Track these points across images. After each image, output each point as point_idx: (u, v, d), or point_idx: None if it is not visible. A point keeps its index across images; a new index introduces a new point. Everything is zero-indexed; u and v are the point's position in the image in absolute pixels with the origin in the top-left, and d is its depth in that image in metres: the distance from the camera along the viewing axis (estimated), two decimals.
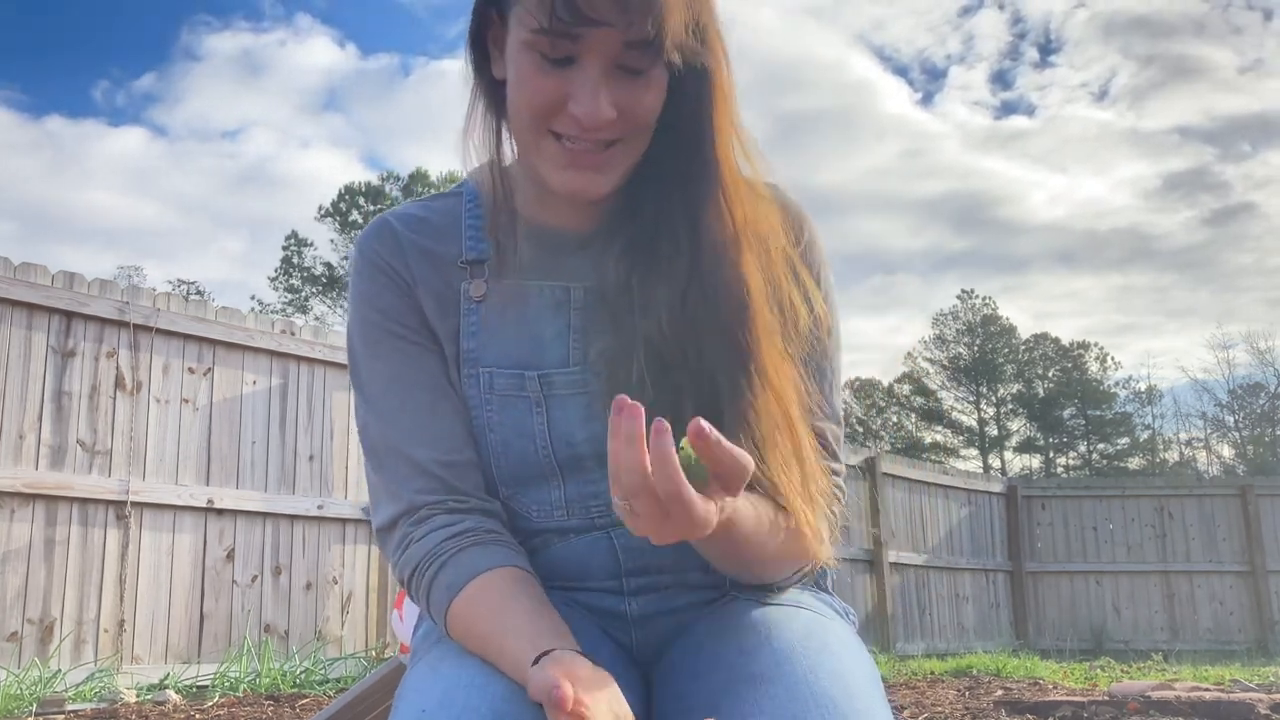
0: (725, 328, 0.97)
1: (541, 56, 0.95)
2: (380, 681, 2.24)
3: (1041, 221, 62.59)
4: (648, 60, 0.95)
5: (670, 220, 1.02)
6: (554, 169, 0.99)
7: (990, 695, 5.03)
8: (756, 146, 1.04)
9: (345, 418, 6.46)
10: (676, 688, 0.95)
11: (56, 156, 54.71)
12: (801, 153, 54.01)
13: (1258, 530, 11.65)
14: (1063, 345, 44.59)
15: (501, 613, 0.92)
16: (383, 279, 1.07)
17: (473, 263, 1.08)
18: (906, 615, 10.51)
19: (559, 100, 0.96)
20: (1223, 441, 42.68)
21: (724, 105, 1.01)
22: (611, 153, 0.99)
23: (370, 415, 1.06)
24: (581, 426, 1.02)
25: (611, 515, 1.04)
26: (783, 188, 1.11)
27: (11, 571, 4.92)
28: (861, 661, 0.97)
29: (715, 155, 1.01)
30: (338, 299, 40.00)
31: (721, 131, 1.01)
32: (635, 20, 0.92)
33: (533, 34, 0.94)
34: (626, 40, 0.93)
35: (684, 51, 0.95)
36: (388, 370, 1.05)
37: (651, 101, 0.98)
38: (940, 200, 61.93)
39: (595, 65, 0.95)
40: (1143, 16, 58.60)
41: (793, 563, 1.01)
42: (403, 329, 1.06)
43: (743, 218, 1.01)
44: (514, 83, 0.99)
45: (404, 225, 1.10)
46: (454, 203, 1.12)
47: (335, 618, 6.24)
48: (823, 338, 1.07)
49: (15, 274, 5.11)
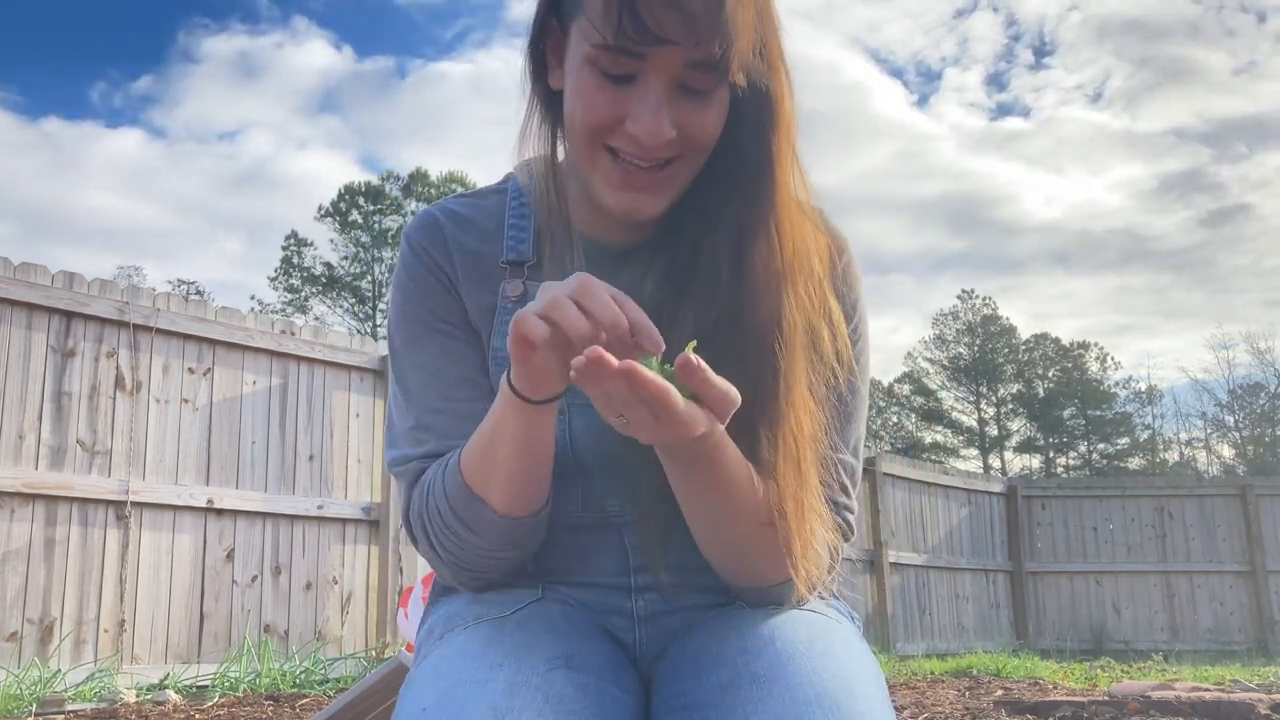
0: (752, 363, 0.96)
1: (602, 72, 0.94)
2: (380, 681, 2.24)
3: (1037, 223, 62.80)
4: (711, 81, 0.93)
5: (713, 245, 1.00)
6: (608, 188, 0.99)
7: (990, 695, 5.02)
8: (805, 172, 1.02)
9: (345, 418, 6.46)
10: (677, 686, 0.95)
11: (54, 158, 54.77)
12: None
13: (1258, 530, 11.65)
14: (1063, 345, 44.62)
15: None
16: (428, 276, 1.08)
17: (512, 264, 1.08)
18: (906, 615, 10.51)
19: (617, 117, 0.95)
20: (1223, 441, 42.72)
21: (785, 130, 0.99)
22: (666, 173, 0.98)
23: (408, 408, 1.07)
24: (603, 436, 1.02)
25: (625, 514, 1.05)
26: (826, 212, 1.09)
27: (11, 571, 4.92)
28: (866, 664, 0.97)
29: (774, 182, 0.99)
30: (338, 299, 40.00)
31: (782, 158, 0.99)
32: (703, 40, 0.90)
33: (595, 49, 0.92)
34: (691, 60, 0.92)
35: (750, 74, 0.93)
36: (430, 365, 1.06)
37: (712, 123, 0.96)
38: (936, 201, 62.13)
39: (657, 84, 0.93)
40: (1136, 19, 58.76)
41: (778, 557, 0.99)
42: (445, 325, 1.08)
43: (791, 251, 0.99)
44: (572, 96, 0.97)
45: (451, 221, 1.11)
46: (499, 201, 1.13)
47: (335, 618, 6.24)
48: (852, 371, 1.06)
49: (15, 274, 5.11)
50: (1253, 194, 59.42)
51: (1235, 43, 57.68)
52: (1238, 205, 59.72)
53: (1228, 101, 58.41)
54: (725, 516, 0.96)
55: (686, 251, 1.02)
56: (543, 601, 1.04)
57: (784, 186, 0.99)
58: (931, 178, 61.56)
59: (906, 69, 62.10)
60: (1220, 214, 59.84)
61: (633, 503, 1.04)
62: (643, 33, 0.89)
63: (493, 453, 0.95)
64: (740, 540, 0.98)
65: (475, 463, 0.97)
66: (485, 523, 0.98)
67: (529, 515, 0.99)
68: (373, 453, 6.58)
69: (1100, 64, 60.22)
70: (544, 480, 0.99)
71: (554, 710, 0.85)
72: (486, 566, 1.02)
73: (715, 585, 1.05)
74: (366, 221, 40.07)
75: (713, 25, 0.89)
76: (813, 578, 0.98)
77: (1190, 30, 57.70)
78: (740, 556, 1.00)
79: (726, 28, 0.90)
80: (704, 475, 0.93)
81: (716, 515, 0.96)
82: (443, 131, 60.20)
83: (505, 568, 1.04)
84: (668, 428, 0.82)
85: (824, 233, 1.06)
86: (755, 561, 0.99)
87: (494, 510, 0.97)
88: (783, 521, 0.95)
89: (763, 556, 0.99)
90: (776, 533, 0.96)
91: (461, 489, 0.98)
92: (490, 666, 0.89)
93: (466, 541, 1.00)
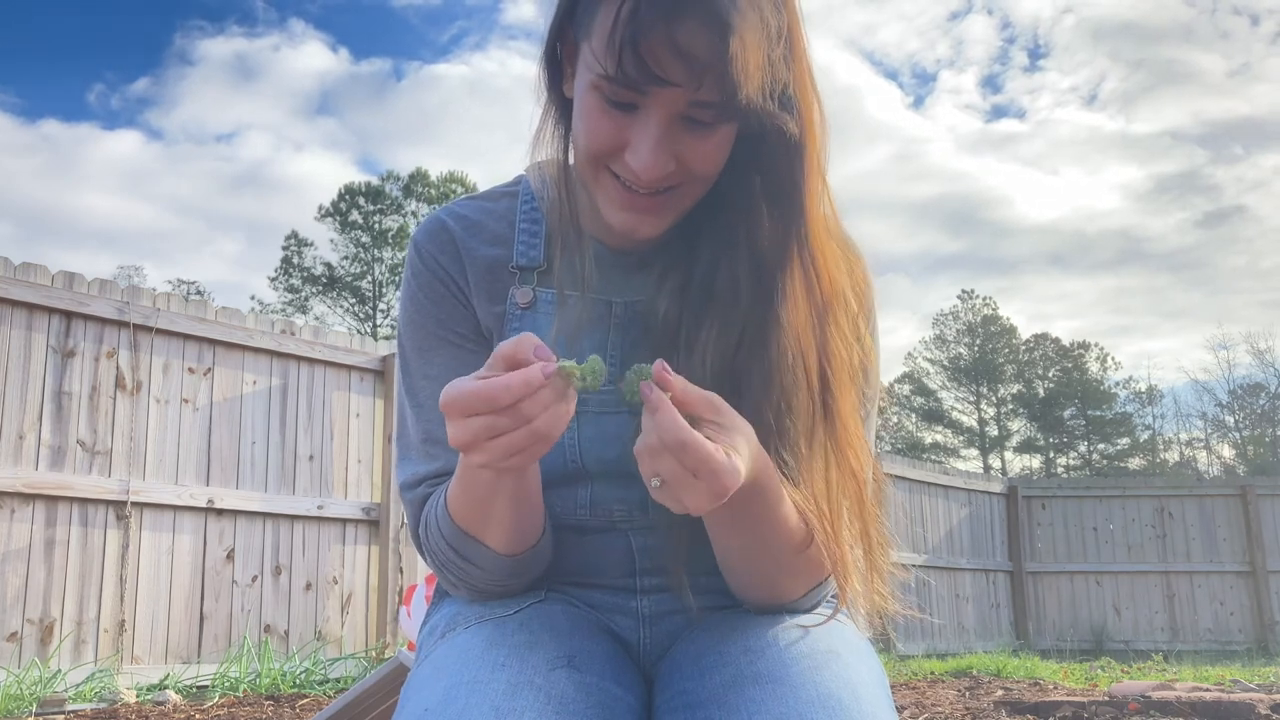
0: (786, 395, 0.95)
1: (605, 99, 0.92)
2: (380, 681, 2.24)
3: (1034, 224, 62.87)
4: (714, 117, 0.92)
5: (732, 264, 0.99)
6: (610, 207, 0.98)
7: (990, 695, 5.02)
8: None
9: (345, 418, 6.46)
10: (680, 685, 0.94)
11: (52, 159, 54.78)
12: None
13: (1258, 530, 11.65)
14: (1063, 345, 44.61)
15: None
16: (439, 286, 1.07)
17: (522, 268, 1.07)
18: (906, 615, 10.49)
19: (618, 144, 0.94)
20: (1223, 441, 42.71)
21: (814, 161, 0.96)
22: (667, 197, 0.97)
23: (418, 420, 1.06)
24: (613, 444, 1.02)
25: (632, 518, 1.05)
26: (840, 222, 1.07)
27: (11, 571, 4.92)
28: (869, 665, 0.97)
29: (804, 214, 0.97)
30: (338, 299, 39.98)
31: (811, 187, 0.97)
32: (705, 85, 0.88)
33: (599, 78, 0.91)
34: (696, 100, 0.90)
35: (760, 114, 0.91)
36: (442, 377, 1.05)
37: (713, 153, 0.95)
38: (932, 203, 62.22)
39: (657, 117, 0.91)
40: (1130, 22, 58.85)
41: (809, 578, 0.99)
42: (455, 335, 1.07)
43: (829, 284, 0.98)
44: (578, 116, 0.96)
45: (461, 227, 1.09)
46: (509, 204, 1.11)
47: (335, 618, 6.23)
48: (874, 390, 1.06)
49: (15, 274, 5.10)
50: (1249, 195, 59.54)
51: (1229, 45, 57.82)
52: (1234, 206, 59.82)
53: (1223, 103, 58.51)
54: (759, 547, 0.95)
55: (703, 268, 1.01)
56: (545, 602, 1.04)
57: (816, 220, 0.97)
58: (927, 179, 61.69)
59: (901, 71, 62.28)
60: (1216, 215, 59.95)
61: (643, 509, 1.04)
62: (644, 73, 0.88)
63: (485, 506, 0.94)
64: (771, 564, 0.97)
65: (466, 513, 0.96)
66: (487, 559, 0.98)
67: (528, 550, 0.99)
68: (373, 453, 6.58)
69: (1095, 66, 60.39)
70: (539, 517, 0.98)
71: (556, 710, 0.84)
72: (496, 591, 1.03)
73: (721, 587, 1.05)
74: (367, 221, 40.06)
75: (716, 71, 0.87)
76: (883, 603, 1.00)
77: (1184, 33, 57.84)
78: (767, 577, 0.99)
79: (730, 73, 0.87)
80: (745, 513, 0.92)
81: (751, 547, 0.96)
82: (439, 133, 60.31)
83: (517, 589, 1.04)
84: (705, 479, 0.80)
85: (857, 258, 1.06)
86: (779, 581, 0.99)
87: (493, 550, 0.97)
88: (839, 564, 0.95)
89: (790, 576, 0.99)
90: (806, 557, 0.96)
91: (456, 533, 0.97)
92: (492, 666, 0.89)
93: (471, 573, 1.00)
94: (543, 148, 1.05)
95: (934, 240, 63.96)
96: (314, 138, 60.40)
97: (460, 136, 59.71)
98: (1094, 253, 61.80)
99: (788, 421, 0.95)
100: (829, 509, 0.95)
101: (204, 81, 56.33)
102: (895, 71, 62.52)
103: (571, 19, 0.96)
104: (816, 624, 0.99)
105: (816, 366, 0.96)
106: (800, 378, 0.95)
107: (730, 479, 0.81)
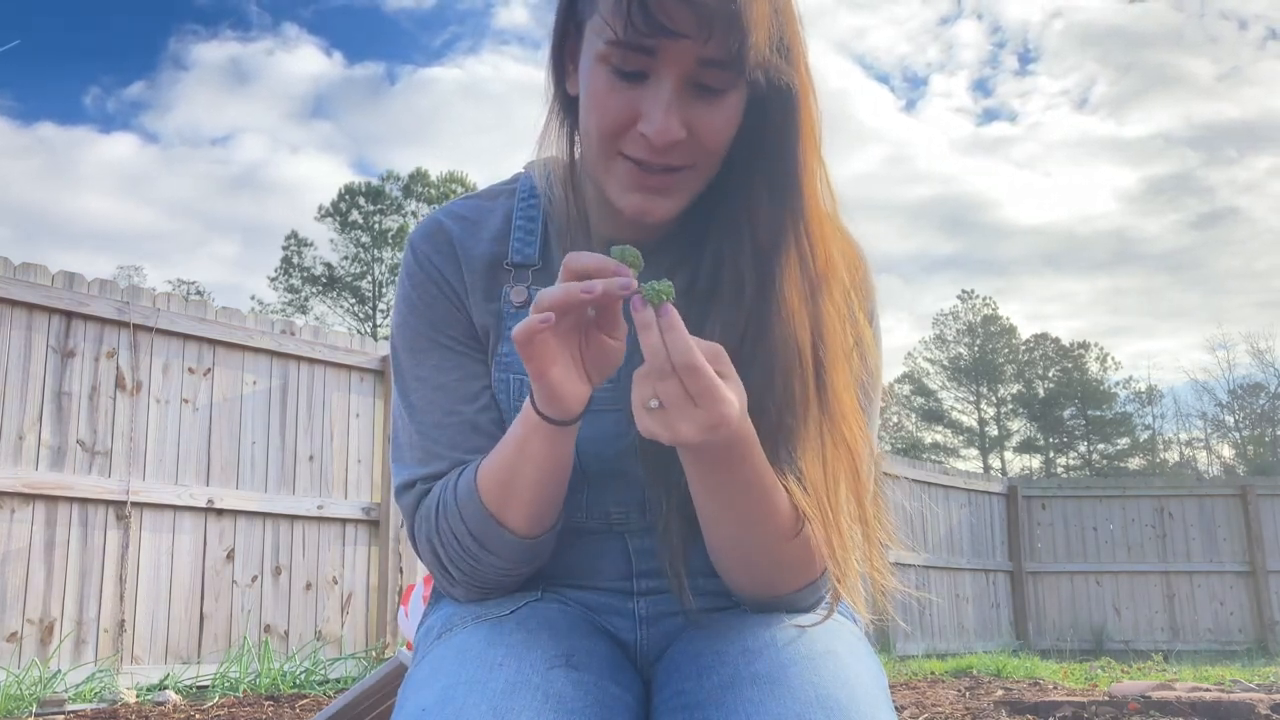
0: (783, 376, 0.95)
1: (613, 71, 0.92)
2: (380, 681, 2.24)
3: (1028, 225, 62.97)
4: (726, 79, 0.92)
5: (736, 258, 0.99)
6: (620, 190, 0.97)
7: (990, 695, 5.02)
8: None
9: (345, 418, 6.46)
10: (678, 686, 0.94)
11: (49, 162, 54.82)
12: None
13: (1258, 530, 11.65)
14: (1063, 345, 44.62)
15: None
16: (432, 289, 1.06)
17: (517, 266, 1.07)
18: (906, 615, 10.51)
19: (629, 119, 0.93)
20: (1223, 441, 42.70)
21: (810, 134, 0.97)
22: (678, 177, 0.96)
23: (410, 421, 1.06)
24: (612, 443, 1.02)
25: (629, 519, 1.04)
26: (841, 220, 1.07)
27: (11, 572, 4.92)
28: (868, 665, 0.97)
29: (801, 190, 0.97)
30: (338, 299, 39.98)
31: (808, 164, 0.97)
32: (715, 34, 0.88)
33: (607, 45, 0.91)
34: (704, 57, 0.90)
35: (767, 71, 0.91)
36: (434, 380, 1.05)
37: (723, 124, 0.94)
38: (927, 205, 62.33)
39: (668, 81, 0.91)
40: (1118, 26, 59.01)
41: (797, 569, 0.98)
42: (448, 338, 1.06)
43: (824, 260, 0.97)
44: (585, 99, 0.96)
45: (458, 226, 1.08)
46: (507, 202, 1.11)
47: (335, 618, 6.23)
48: (874, 381, 1.05)
49: (15, 274, 5.10)
50: (1242, 197, 59.61)
51: (1218, 49, 57.92)
52: (1228, 208, 59.88)
53: (1213, 106, 58.63)
54: (748, 525, 0.94)
55: (709, 263, 1.01)
56: (542, 601, 1.04)
57: (812, 196, 0.97)
58: (921, 182, 61.83)
59: (893, 75, 62.48)
60: (1210, 217, 60.02)
61: (640, 510, 1.04)
62: (653, 25, 0.88)
63: (515, 477, 0.94)
64: (761, 550, 0.96)
65: (495, 487, 0.96)
66: (505, 544, 0.98)
67: (546, 533, 0.99)
68: (373, 453, 6.58)
69: (1084, 70, 60.54)
70: (561, 498, 0.99)
71: (553, 709, 0.84)
72: (503, 584, 1.03)
73: (718, 589, 1.05)
74: (367, 222, 40.06)
75: (725, 18, 0.88)
76: (882, 579, 0.99)
77: (1173, 37, 57.95)
78: (758, 567, 0.98)
79: (739, 21, 0.88)
80: (732, 477, 0.91)
81: (739, 524, 0.95)
82: (433, 136, 60.31)
83: (518, 583, 1.04)
84: (705, 407, 0.82)
85: (850, 241, 1.06)
86: (772, 572, 0.98)
87: (514, 532, 0.97)
88: (838, 544, 0.94)
89: (782, 568, 0.98)
90: (798, 546, 0.96)
91: (480, 513, 0.97)
92: (490, 666, 0.89)
93: (484, 562, 0.99)
94: (549, 146, 1.05)
95: (929, 241, 64.12)
96: (309, 140, 60.49)
97: (454, 139, 59.79)
98: (1089, 254, 61.98)
99: (786, 400, 0.96)
100: (826, 485, 0.94)
101: (199, 85, 56.42)
102: (886, 75, 62.77)
103: (574, 8, 0.98)
104: (814, 623, 0.98)
105: (809, 341, 0.96)
106: (794, 354, 0.96)
107: (728, 409, 0.83)
